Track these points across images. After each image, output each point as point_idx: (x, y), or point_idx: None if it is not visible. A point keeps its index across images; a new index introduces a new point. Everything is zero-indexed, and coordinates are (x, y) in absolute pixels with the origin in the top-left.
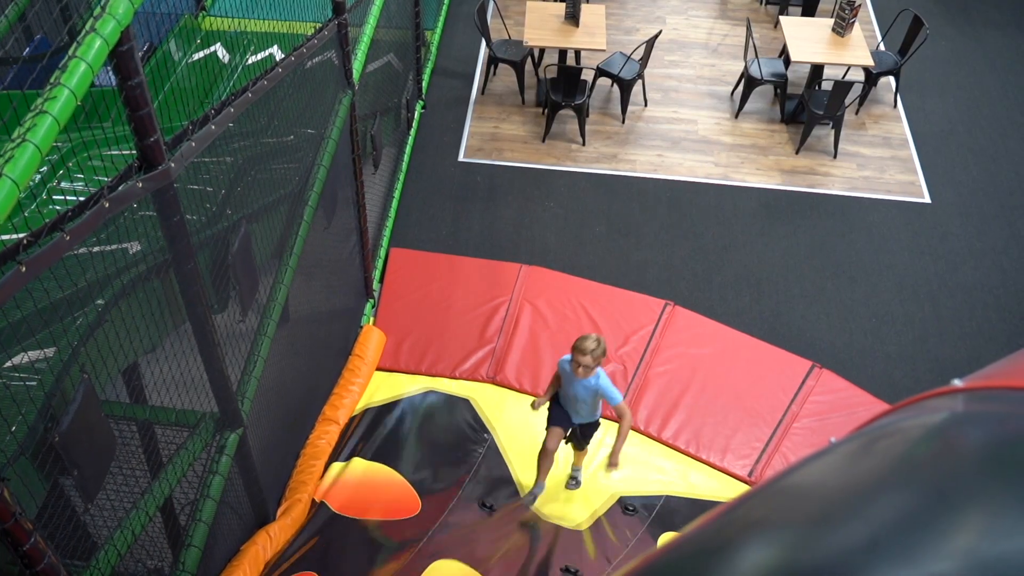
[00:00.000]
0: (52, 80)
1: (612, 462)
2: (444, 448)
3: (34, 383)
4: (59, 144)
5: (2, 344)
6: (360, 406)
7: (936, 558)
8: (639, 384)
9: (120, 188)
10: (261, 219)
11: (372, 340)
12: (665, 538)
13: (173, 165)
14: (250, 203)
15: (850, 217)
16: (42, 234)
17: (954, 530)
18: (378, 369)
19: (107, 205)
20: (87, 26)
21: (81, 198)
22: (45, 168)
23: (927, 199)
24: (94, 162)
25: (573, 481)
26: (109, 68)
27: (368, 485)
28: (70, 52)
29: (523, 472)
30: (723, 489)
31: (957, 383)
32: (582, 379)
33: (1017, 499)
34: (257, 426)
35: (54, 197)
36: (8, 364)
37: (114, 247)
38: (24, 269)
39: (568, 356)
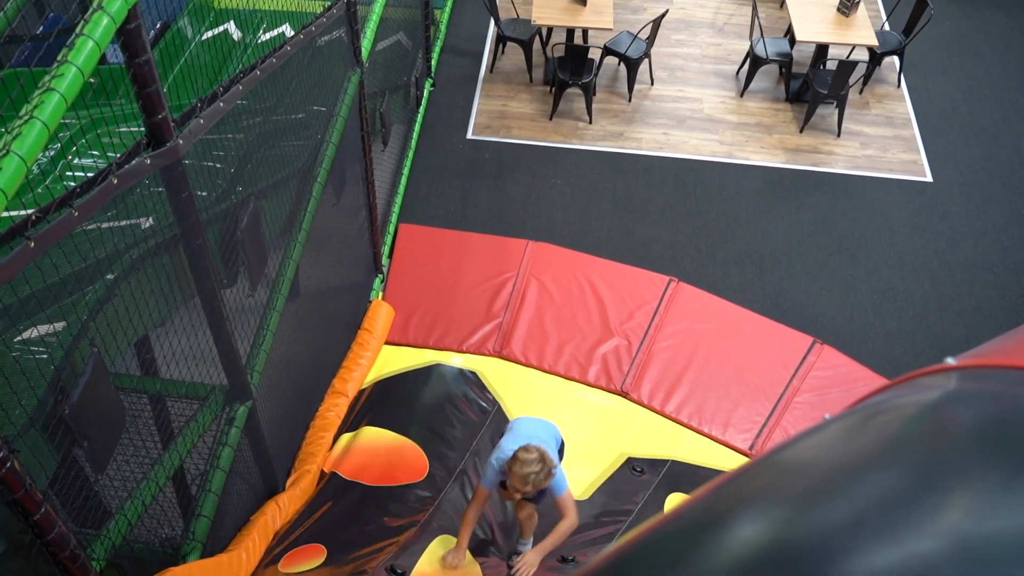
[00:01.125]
0: (60, 58)
1: (527, 559)
2: (452, 416)
3: (44, 356)
4: (73, 120)
5: (13, 318)
6: (369, 379)
7: (920, 537)
8: (643, 359)
9: (128, 165)
10: (270, 195)
11: (381, 314)
12: (672, 499)
13: (181, 142)
14: (259, 180)
15: (852, 195)
16: (51, 210)
17: (940, 509)
18: (387, 343)
19: (115, 181)
20: (95, 4)
21: (92, 175)
22: (58, 145)
23: (929, 178)
24: (107, 139)
25: (516, 555)
26: (117, 45)
27: (377, 450)
28: (77, 30)
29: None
30: (725, 461)
31: (950, 361)
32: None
33: (1003, 478)
34: (266, 399)
35: (67, 174)
36: (19, 338)
37: (126, 222)
38: (33, 245)
39: (496, 464)
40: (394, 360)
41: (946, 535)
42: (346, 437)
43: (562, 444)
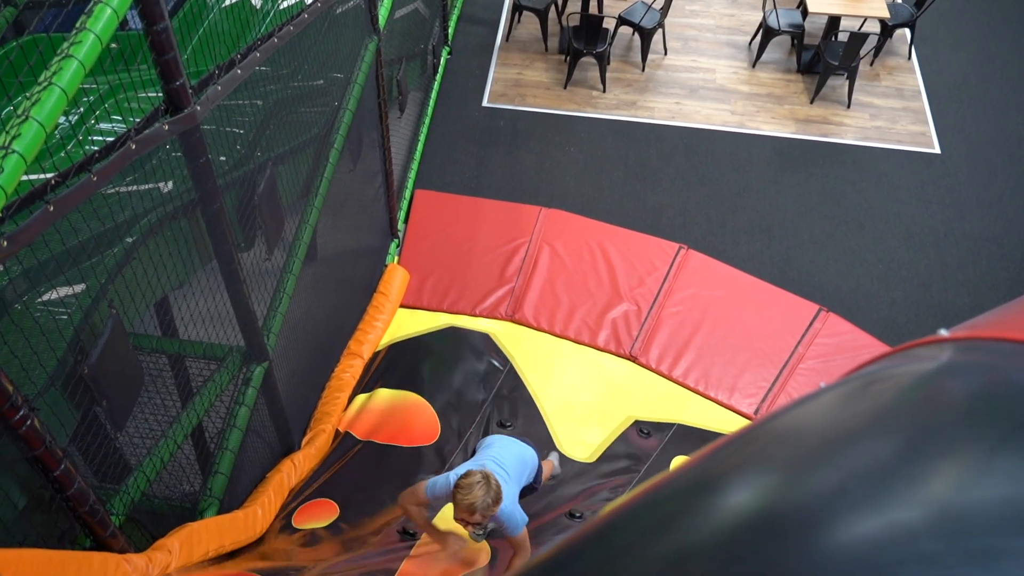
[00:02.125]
0: (78, 24)
1: None
2: (465, 377)
3: (64, 317)
4: (96, 86)
5: (34, 280)
6: (384, 341)
7: (901, 507)
8: (652, 324)
9: (147, 131)
10: (287, 161)
11: (396, 278)
12: (678, 461)
13: (199, 108)
14: (277, 146)
15: (861, 166)
16: (70, 175)
17: (922, 479)
18: (402, 306)
19: (133, 147)
20: None
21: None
22: (82, 109)
23: (937, 149)
24: (130, 104)
25: None
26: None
27: (391, 411)
28: None
29: (542, 393)
30: (731, 424)
31: (943, 333)
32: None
33: (987, 449)
34: (283, 360)
35: (91, 138)
36: (41, 299)
37: (146, 186)
38: (52, 208)
39: (440, 485)
40: (409, 323)
41: (927, 505)
42: (361, 398)
43: (538, 472)
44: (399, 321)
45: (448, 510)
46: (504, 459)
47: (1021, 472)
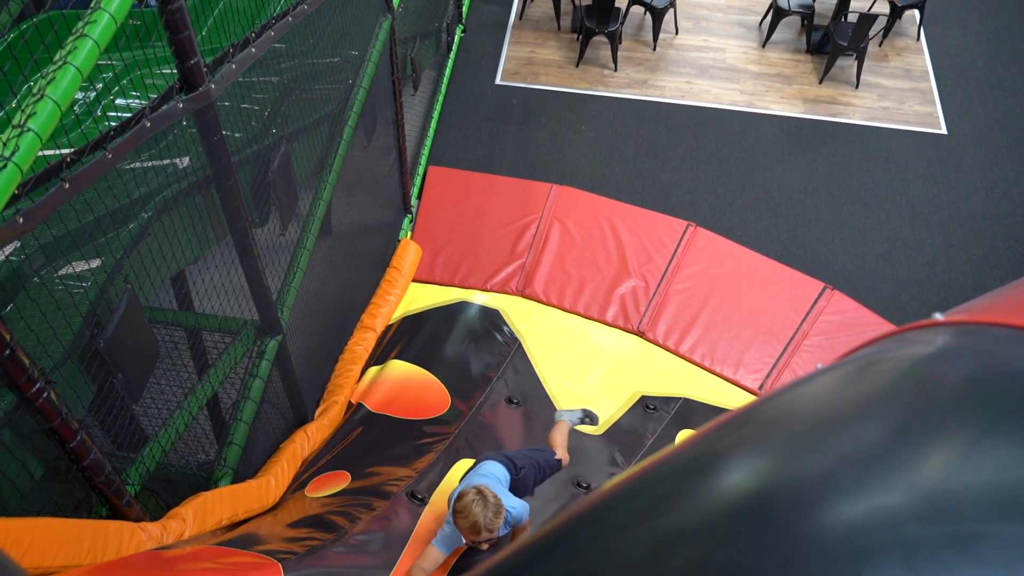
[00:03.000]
0: (93, 4)
1: None
2: (475, 352)
3: (80, 291)
4: (112, 63)
5: (50, 255)
6: (396, 315)
7: (886, 491)
8: (660, 300)
9: (162, 108)
10: (302, 138)
11: (409, 253)
12: (683, 435)
13: (213, 87)
14: (291, 123)
15: (868, 146)
16: (85, 152)
17: (910, 465)
18: (414, 280)
19: (148, 124)
20: None
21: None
22: (100, 85)
23: (944, 130)
24: (148, 80)
25: None
26: None
27: (402, 384)
28: None
29: (549, 373)
30: (736, 399)
31: (938, 316)
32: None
33: (976, 434)
34: (297, 333)
35: (109, 114)
36: (57, 274)
37: (166, 162)
38: (68, 185)
39: (443, 534)
40: (421, 297)
41: (912, 490)
42: (373, 370)
43: (548, 463)
44: (411, 295)
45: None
46: (489, 469)
47: (1006, 458)
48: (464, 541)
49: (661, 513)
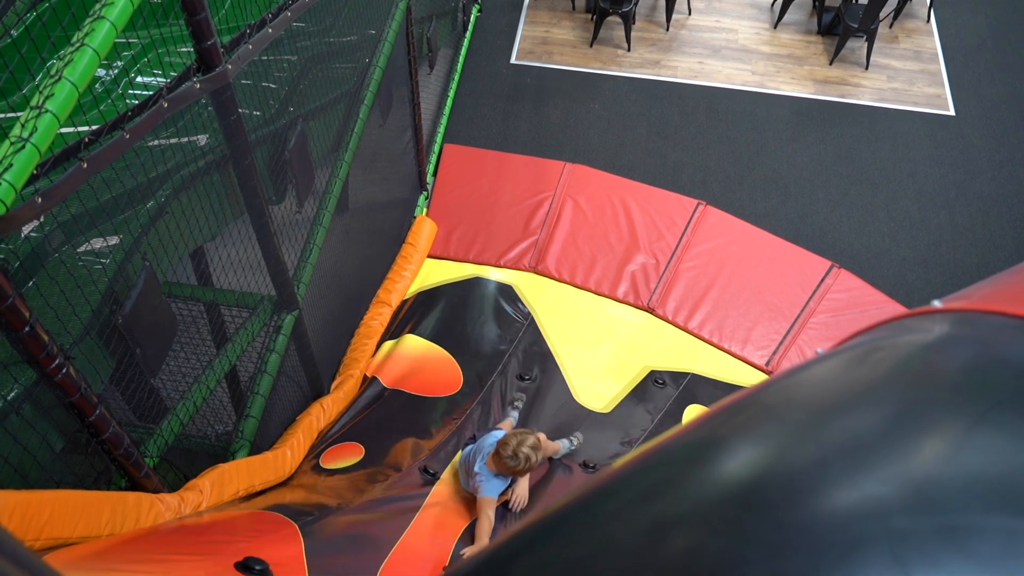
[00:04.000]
0: None
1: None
2: (488, 328)
3: (98, 268)
4: (136, 40)
5: (70, 233)
6: (411, 290)
7: (876, 482)
8: (669, 277)
9: (178, 89)
10: (318, 117)
11: (424, 229)
12: (690, 410)
13: (230, 67)
14: (308, 102)
15: (877, 127)
16: (103, 132)
17: (901, 455)
18: (429, 256)
19: (166, 105)
20: None
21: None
22: (120, 63)
23: (952, 112)
24: (169, 58)
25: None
26: None
27: (416, 361)
28: None
29: (561, 348)
30: (743, 375)
31: (936, 304)
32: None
33: (967, 424)
34: (314, 308)
35: (130, 91)
36: (76, 251)
37: (185, 139)
38: (86, 166)
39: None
40: (436, 272)
41: (902, 481)
42: (388, 344)
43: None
44: (426, 270)
45: None
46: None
47: (995, 448)
48: (505, 483)
49: (655, 501)
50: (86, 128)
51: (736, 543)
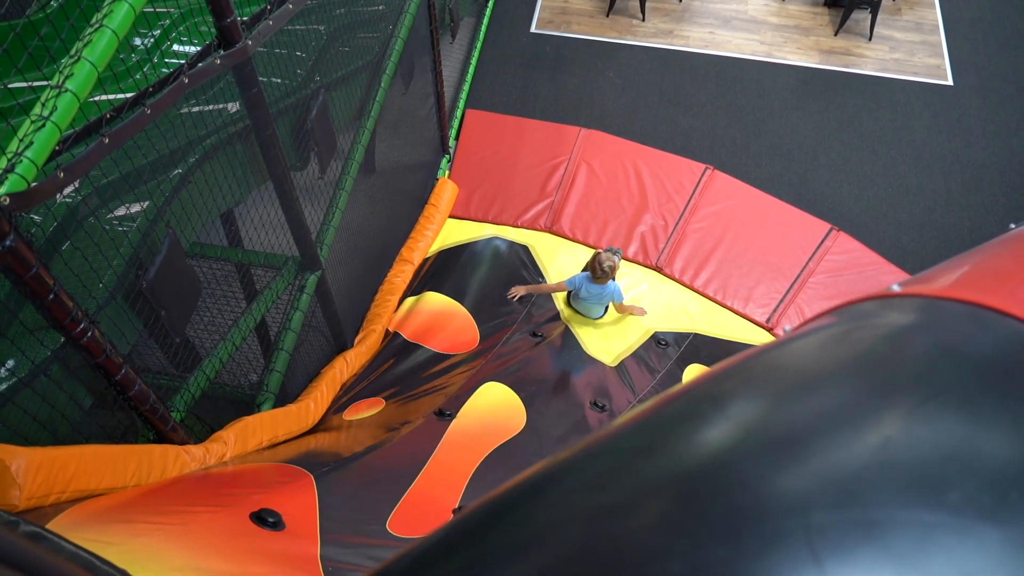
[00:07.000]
0: None
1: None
2: (504, 286)
3: (124, 234)
4: (171, 10)
5: (100, 200)
6: (433, 249)
7: (801, 475)
8: (678, 238)
9: (200, 65)
10: (342, 87)
11: (446, 191)
12: (691, 370)
13: (250, 43)
14: (330, 72)
15: (878, 96)
16: (125, 108)
17: (830, 447)
18: (450, 217)
19: (187, 81)
20: None
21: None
22: (157, 32)
23: (950, 82)
24: (202, 28)
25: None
26: None
27: (436, 317)
28: None
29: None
30: (745, 333)
31: (896, 288)
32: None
33: (900, 416)
34: (338, 266)
35: (166, 60)
36: (104, 218)
37: (214, 107)
38: (107, 141)
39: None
40: (456, 232)
41: (826, 474)
42: (410, 300)
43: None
44: (448, 230)
45: None
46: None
47: (922, 441)
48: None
49: (594, 491)
50: (121, 96)
51: (663, 535)
